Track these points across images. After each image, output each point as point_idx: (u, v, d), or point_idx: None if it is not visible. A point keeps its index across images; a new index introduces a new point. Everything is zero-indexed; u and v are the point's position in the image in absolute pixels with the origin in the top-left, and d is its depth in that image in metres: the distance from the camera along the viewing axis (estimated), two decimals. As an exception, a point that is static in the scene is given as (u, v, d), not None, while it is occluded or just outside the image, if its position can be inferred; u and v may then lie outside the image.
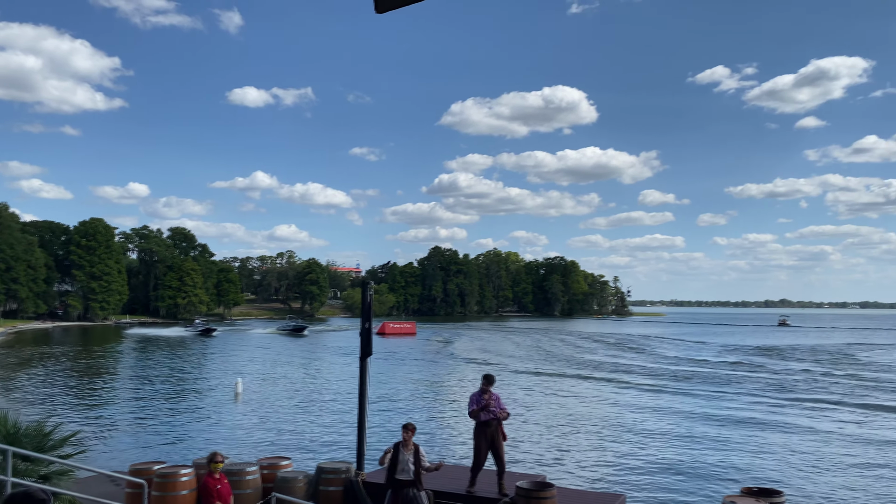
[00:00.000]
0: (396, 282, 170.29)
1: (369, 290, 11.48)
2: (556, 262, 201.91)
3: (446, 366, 45.04)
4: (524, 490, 9.83)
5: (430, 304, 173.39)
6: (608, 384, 35.30)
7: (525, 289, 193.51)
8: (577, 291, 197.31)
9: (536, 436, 21.04)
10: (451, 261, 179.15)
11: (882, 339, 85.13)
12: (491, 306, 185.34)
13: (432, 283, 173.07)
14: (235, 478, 10.13)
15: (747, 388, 33.46)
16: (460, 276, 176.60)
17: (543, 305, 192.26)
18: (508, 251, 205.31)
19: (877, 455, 18.85)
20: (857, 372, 42.55)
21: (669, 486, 15.37)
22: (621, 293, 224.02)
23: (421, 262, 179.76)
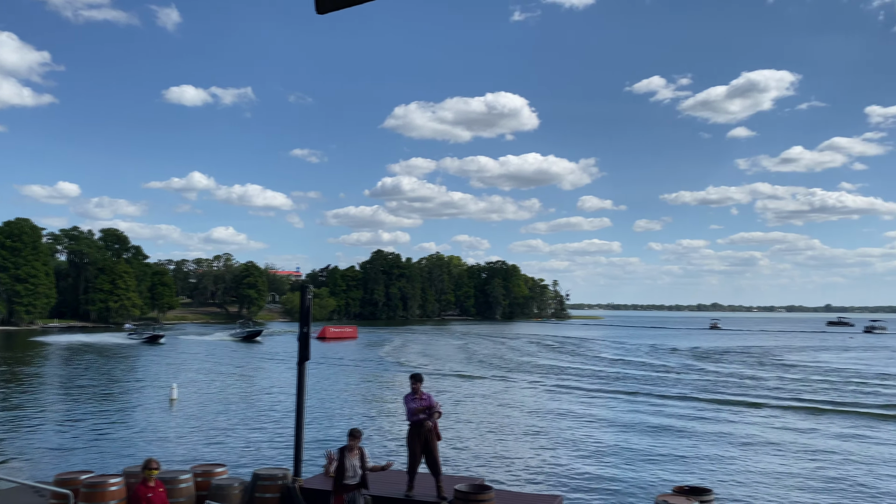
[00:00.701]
0: (338, 285, 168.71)
1: (308, 293, 11.36)
2: (498, 266, 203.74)
3: (386, 370, 44.87)
4: (462, 493, 9.88)
5: (372, 308, 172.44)
6: (545, 386, 35.78)
7: (467, 293, 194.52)
8: (517, 295, 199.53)
9: (475, 438, 21.17)
10: (393, 265, 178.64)
11: (805, 342, 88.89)
12: (433, 310, 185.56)
13: (374, 287, 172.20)
14: (168, 486, 9.87)
15: (679, 390, 34.43)
16: (403, 280, 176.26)
17: (485, 309, 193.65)
18: (451, 255, 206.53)
19: (801, 451, 19.66)
20: (782, 374, 44.30)
21: (604, 486, 15.69)
22: (560, 297, 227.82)
23: (363, 266, 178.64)
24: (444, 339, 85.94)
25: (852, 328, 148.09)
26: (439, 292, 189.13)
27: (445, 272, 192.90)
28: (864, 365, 52.48)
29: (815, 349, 73.57)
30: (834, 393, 33.97)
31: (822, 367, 50.03)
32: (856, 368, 48.87)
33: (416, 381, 11.07)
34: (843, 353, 68.19)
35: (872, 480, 16.59)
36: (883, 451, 19.98)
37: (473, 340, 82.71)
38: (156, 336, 74.59)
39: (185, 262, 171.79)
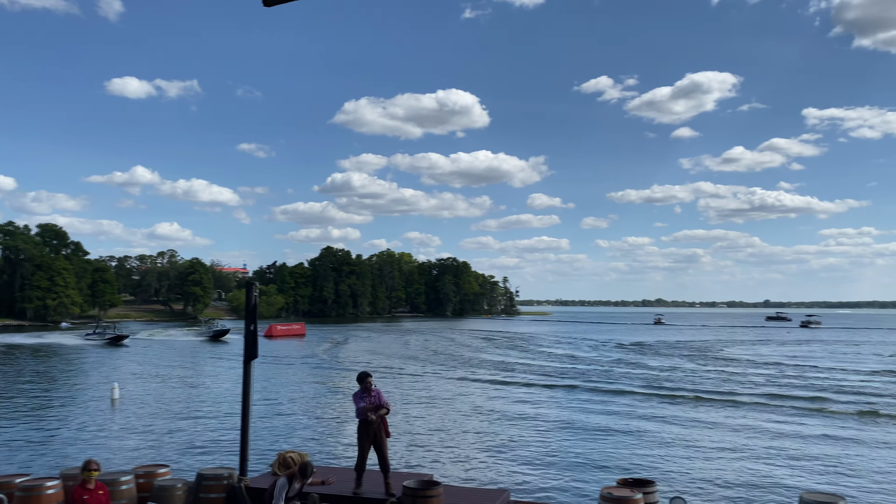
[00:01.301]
0: (286, 283, 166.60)
1: (255, 290, 11.21)
2: (449, 262, 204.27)
3: (334, 367, 44.58)
4: (411, 489, 9.91)
5: (322, 305, 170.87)
6: (494, 382, 36.09)
7: (418, 289, 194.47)
8: (468, 292, 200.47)
9: (424, 435, 21.23)
10: (343, 261, 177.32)
11: (744, 336, 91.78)
12: (384, 307, 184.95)
13: (324, 284, 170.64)
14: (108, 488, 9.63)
15: (623, 384, 35.16)
16: (353, 277, 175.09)
17: (436, 306, 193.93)
18: (402, 252, 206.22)
19: (742, 442, 20.32)
20: (722, 367, 45.65)
21: (551, 480, 15.93)
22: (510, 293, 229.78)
23: (312, 263, 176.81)
24: (394, 336, 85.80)
25: (790, 323, 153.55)
26: (390, 289, 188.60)
27: (396, 269, 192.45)
28: (800, 358, 54.45)
29: (755, 343, 76.00)
30: (771, 387, 35.16)
31: (760, 360, 51.71)
32: (791, 362, 50.66)
33: (365, 379, 11.05)
34: (781, 346, 70.65)
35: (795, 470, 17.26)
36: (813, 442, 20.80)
37: (423, 337, 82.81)
38: (119, 336, 69.38)
39: (128, 259, 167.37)
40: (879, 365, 48.16)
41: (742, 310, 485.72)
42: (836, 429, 22.80)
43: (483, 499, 10.96)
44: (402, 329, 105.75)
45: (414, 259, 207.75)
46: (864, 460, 18.22)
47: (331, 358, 51.43)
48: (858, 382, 36.78)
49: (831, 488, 14.97)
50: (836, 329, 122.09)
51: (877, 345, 74.76)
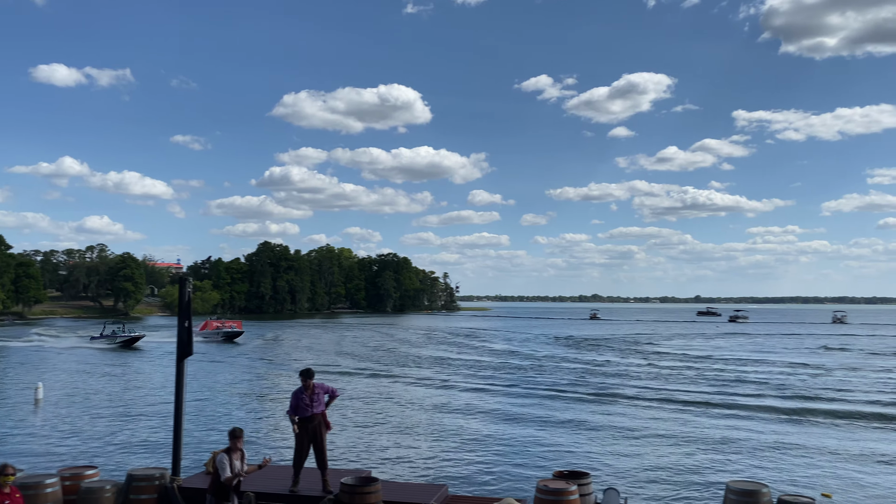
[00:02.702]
0: (222, 278, 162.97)
1: (188, 286, 10.97)
2: (390, 258, 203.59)
3: (270, 364, 43.92)
4: (349, 486, 9.88)
5: (259, 301, 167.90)
6: (432, 378, 36.22)
7: (358, 285, 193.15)
8: (409, 287, 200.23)
9: (363, 432, 21.16)
10: (281, 257, 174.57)
11: (676, 331, 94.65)
12: (323, 303, 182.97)
13: (261, 280, 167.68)
14: (31, 491, 9.27)
15: (558, 379, 35.81)
16: (291, 273, 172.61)
17: (376, 302, 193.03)
18: (342, 247, 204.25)
19: (672, 435, 20.98)
20: (654, 362, 46.99)
21: (488, 474, 16.12)
22: (450, 289, 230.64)
23: (249, 258, 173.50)
24: (332, 332, 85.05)
25: (719, 318, 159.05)
26: (329, 285, 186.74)
27: (336, 265, 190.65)
28: (727, 351, 56.50)
29: (685, 337, 78.47)
30: (699, 381, 36.34)
31: (690, 354, 53.42)
32: (719, 355, 52.52)
33: (306, 377, 10.94)
34: (709, 340, 73.14)
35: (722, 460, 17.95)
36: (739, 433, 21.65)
37: (363, 334, 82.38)
38: (134, 338, 59.11)
39: (55, 253, 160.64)
40: (800, 357, 50.40)
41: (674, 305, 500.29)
42: (760, 420, 23.77)
43: (421, 494, 11.01)
44: (342, 325, 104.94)
45: (354, 255, 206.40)
46: (785, 450, 19.07)
47: (269, 354, 50.60)
48: (780, 375, 38.41)
49: (755, 476, 15.61)
50: (762, 324, 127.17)
51: (800, 338, 78.18)
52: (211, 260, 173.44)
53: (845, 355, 53.48)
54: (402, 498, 10.68)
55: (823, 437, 20.72)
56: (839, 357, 51.53)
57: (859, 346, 63.92)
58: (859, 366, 44.15)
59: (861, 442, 20.11)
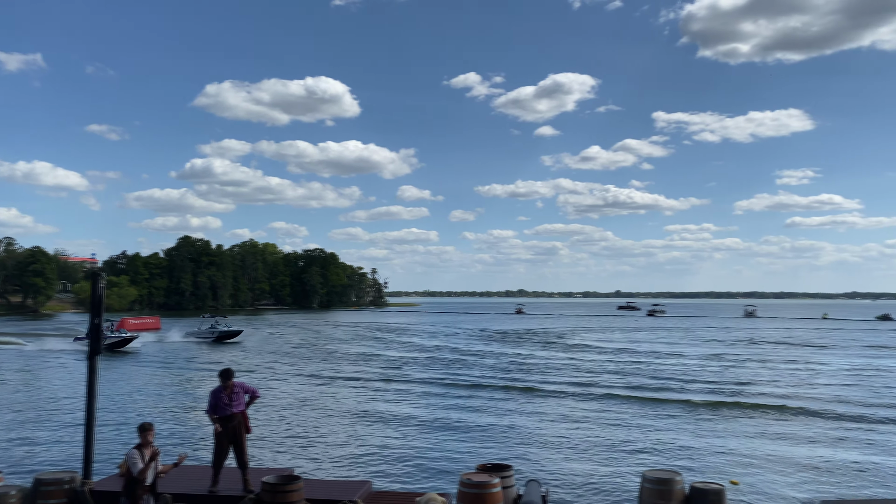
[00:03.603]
0: (139, 274, 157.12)
1: (101, 281, 10.56)
2: (316, 254, 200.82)
3: (188, 362, 42.71)
4: (270, 485, 9.74)
5: (179, 297, 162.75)
6: (357, 376, 36.03)
7: (283, 281, 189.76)
8: (336, 283, 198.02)
9: (284, 431, 20.87)
10: (202, 251, 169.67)
11: (597, 324, 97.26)
12: (246, 299, 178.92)
13: (181, 276, 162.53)
14: (-74, 501, 8.74)
15: (482, 373, 36.25)
16: (213, 268, 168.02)
17: (301, 298, 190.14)
18: (266, 242, 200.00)
19: (591, 427, 21.58)
20: (575, 355, 48.17)
21: (412, 469, 16.19)
22: (379, 284, 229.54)
23: (168, 253, 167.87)
24: (256, 329, 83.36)
25: (638, 312, 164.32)
26: (253, 281, 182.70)
27: (260, 260, 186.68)
28: (644, 344, 58.47)
29: (607, 330, 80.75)
30: (618, 374, 37.47)
31: (609, 347, 55.02)
32: (638, 348, 54.30)
33: (226, 377, 10.74)
34: (629, 333, 75.51)
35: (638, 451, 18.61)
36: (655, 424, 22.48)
37: (287, 330, 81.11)
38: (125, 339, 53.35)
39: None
40: (713, 350, 52.67)
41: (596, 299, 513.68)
42: (676, 411, 24.72)
43: (344, 491, 10.96)
44: (266, 322, 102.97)
45: (279, 250, 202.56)
46: (698, 440, 19.92)
47: (187, 352, 49.12)
48: (695, 368, 40.02)
49: (669, 465, 16.25)
50: (678, 317, 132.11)
51: (714, 330, 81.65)
52: (128, 254, 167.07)
53: (756, 347, 56.18)
54: (325, 495, 10.61)
55: (733, 427, 21.75)
56: (751, 349, 54.10)
57: (769, 339, 67.26)
58: (769, 357, 46.47)
59: (767, 431, 21.20)
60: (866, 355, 48.40)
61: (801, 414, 23.73)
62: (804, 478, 15.59)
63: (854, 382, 32.41)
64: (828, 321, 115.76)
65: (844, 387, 30.69)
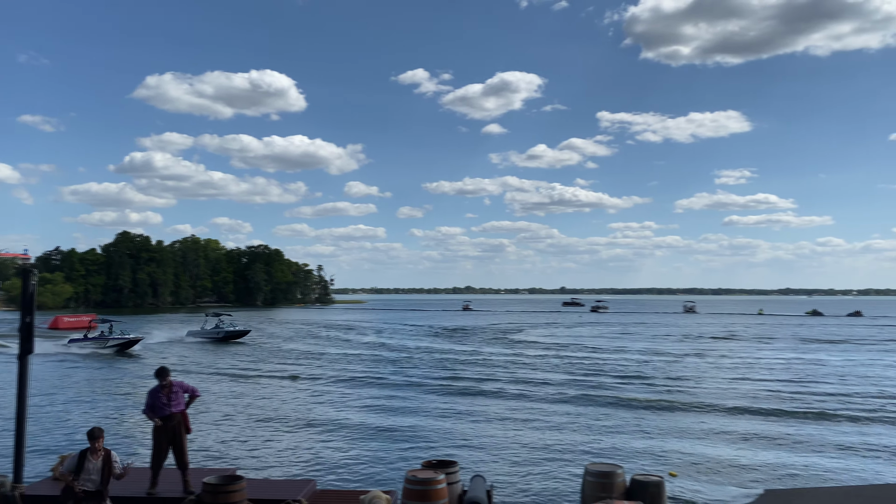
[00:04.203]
0: (75, 270, 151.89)
1: (32, 278, 10.18)
2: (260, 250, 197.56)
3: (127, 361, 41.51)
4: (211, 485, 9.56)
5: (117, 294, 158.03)
6: (301, 372, 35.66)
7: (226, 278, 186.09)
8: (280, 280, 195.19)
9: (227, 431, 20.50)
10: (142, 247, 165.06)
11: (542, 320, 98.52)
12: (187, 297, 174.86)
13: (119, 272, 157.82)
14: None
15: (429, 369, 36.33)
16: (153, 265, 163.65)
17: (245, 295, 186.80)
18: (209, 238, 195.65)
19: (535, 422, 21.86)
20: (520, 350, 48.71)
21: (358, 467, 16.12)
22: (325, 281, 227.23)
23: (106, 249, 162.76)
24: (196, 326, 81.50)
25: (582, 307, 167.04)
26: (194, 278, 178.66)
27: (202, 256, 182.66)
28: (589, 339, 59.50)
29: (551, 325, 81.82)
30: (562, 371, 38.04)
31: (555, 342, 55.78)
32: (582, 343, 55.22)
33: (163, 375, 10.51)
34: (573, 329, 76.69)
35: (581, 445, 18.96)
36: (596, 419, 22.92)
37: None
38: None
39: None
40: (653, 344, 53.98)
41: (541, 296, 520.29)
42: (617, 405, 25.24)
43: (288, 490, 10.85)
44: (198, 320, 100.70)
45: (222, 246, 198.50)
46: (638, 433, 20.39)
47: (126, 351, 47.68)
48: (636, 363, 40.95)
49: (611, 459, 16.59)
50: (620, 313, 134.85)
51: (655, 326, 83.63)
52: (63, 250, 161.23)
53: (695, 343, 57.77)
54: (268, 495, 10.48)
55: (673, 421, 22.33)
56: (690, 344, 55.59)
57: (707, 334, 69.23)
58: (707, 352, 47.84)
59: (705, 424, 21.84)
60: (799, 350, 50.35)
61: (738, 407, 24.51)
62: (741, 469, 16.12)
63: (789, 378, 33.65)
64: (763, 316, 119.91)
65: (779, 381, 31.83)
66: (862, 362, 40.39)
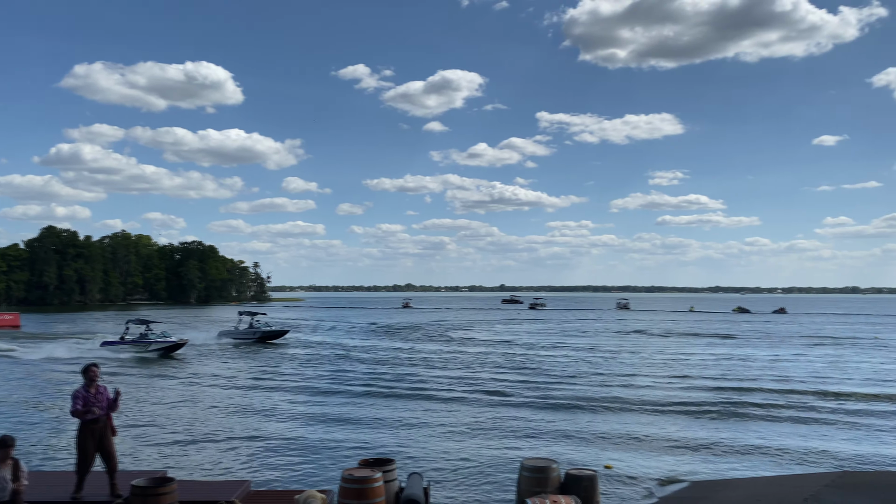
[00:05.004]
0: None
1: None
2: (194, 246, 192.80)
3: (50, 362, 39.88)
4: (140, 488, 9.29)
5: (41, 291, 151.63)
6: (234, 373, 35.01)
7: (158, 275, 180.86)
8: (215, 278, 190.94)
9: (157, 433, 19.94)
10: (69, 243, 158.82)
11: (482, 317, 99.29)
12: (117, 294, 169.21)
13: (44, 269, 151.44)
14: None
15: (367, 368, 36.15)
16: (80, 261, 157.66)
17: (178, 293, 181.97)
18: (140, 234, 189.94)
19: (471, 419, 22.02)
20: (459, 348, 48.98)
21: (294, 467, 15.92)
22: (261, 279, 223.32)
23: (30, 244, 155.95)
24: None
25: (521, 304, 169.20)
26: (125, 275, 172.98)
27: (133, 252, 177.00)
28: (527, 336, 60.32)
29: (490, 322, 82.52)
30: (502, 366, 38.43)
31: (493, 339, 56.31)
32: (519, 340, 55.92)
33: (90, 374, 10.16)
34: (511, 325, 77.57)
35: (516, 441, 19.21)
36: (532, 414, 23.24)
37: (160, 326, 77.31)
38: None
39: None
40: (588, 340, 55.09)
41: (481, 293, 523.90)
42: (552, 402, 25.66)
43: (222, 491, 10.65)
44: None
45: (154, 242, 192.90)
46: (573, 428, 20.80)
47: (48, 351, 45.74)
48: (571, 360, 41.72)
49: (547, 454, 16.86)
50: (557, 310, 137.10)
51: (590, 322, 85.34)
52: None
53: (628, 338, 59.21)
54: (200, 496, 10.27)
55: (607, 415, 22.86)
56: (623, 340, 56.94)
57: (639, 330, 71.05)
58: (640, 348, 49.11)
59: (639, 418, 22.44)
60: (727, 345, 52.20)
61: (670, 402, 25.23)
62: (672, 461, 16.61)
63: (718, 373, 34.83)
64: (694, 313, 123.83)
65: (708, 378, 32.89)
66: (786, 357, 42.16)
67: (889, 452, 17.54)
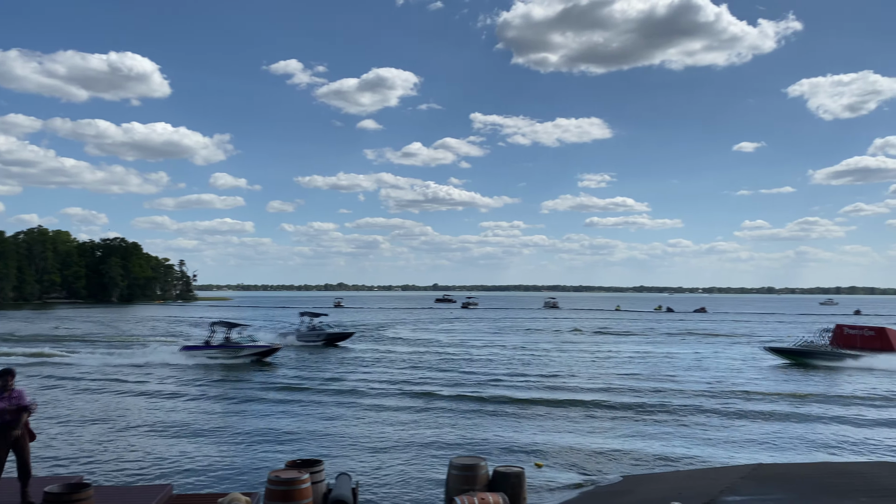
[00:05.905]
0: None
1: None
2: (116, 243, 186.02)
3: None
4: (54, 494, 8.90)
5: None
6: (156, 375, 33.94)
7: (77, 272, 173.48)
8: (138, 276, 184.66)
9: (74, 436, 19.15)
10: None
11: (415, 317, 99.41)
12: (33, 292, 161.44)
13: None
14: None
15: (293, 369, 35.66)
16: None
17: (99, 291, 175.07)
18: (58, 230, 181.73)
19: (396, 418, 22.02)
20: (391, 347, 48.90)
21: (218, 469, 15.55)
22: (187, 277, 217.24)
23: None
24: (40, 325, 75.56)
25: (454, 304, 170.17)
26: (41, 272, 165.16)
27: (50, 249, 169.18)
28: (460, 335, 60.72)
29: (423, 321, 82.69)
30: (431, 366, 38.57)
31: (424, 338, 56.45)
32: (450, 339, 56.24)
33: (5, 377, 9.67)
34: (443, 324, 77.94)
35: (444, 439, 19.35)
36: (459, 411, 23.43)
37: (80, 326, 74.36)
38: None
39: None
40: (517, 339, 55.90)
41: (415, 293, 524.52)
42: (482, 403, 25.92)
43: (142, 496, 10.32)
44: (55, 317, 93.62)
45: (73, 238, 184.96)
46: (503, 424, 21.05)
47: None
48: (501, 358, 42.22)
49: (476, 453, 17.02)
50: (489, 309, 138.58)
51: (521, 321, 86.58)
52: None
53: (556, 336, 60.33)
54: (119, 502, 9.92)
55: (537, 413, 23.22)
56: (551, 337, 57.98)
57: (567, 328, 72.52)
58: (567, 346, 50.09)
59: (568, 415, 22.89)
60: (652, 342, 53.86)
61: (598, 399, 25.83)
62: (602, 457, 17.02)
63: (643, 370, 35.88)
64: (620, 312, 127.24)
65: (634, 375, 33.84)
66: (705, 355, 43.81)
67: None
